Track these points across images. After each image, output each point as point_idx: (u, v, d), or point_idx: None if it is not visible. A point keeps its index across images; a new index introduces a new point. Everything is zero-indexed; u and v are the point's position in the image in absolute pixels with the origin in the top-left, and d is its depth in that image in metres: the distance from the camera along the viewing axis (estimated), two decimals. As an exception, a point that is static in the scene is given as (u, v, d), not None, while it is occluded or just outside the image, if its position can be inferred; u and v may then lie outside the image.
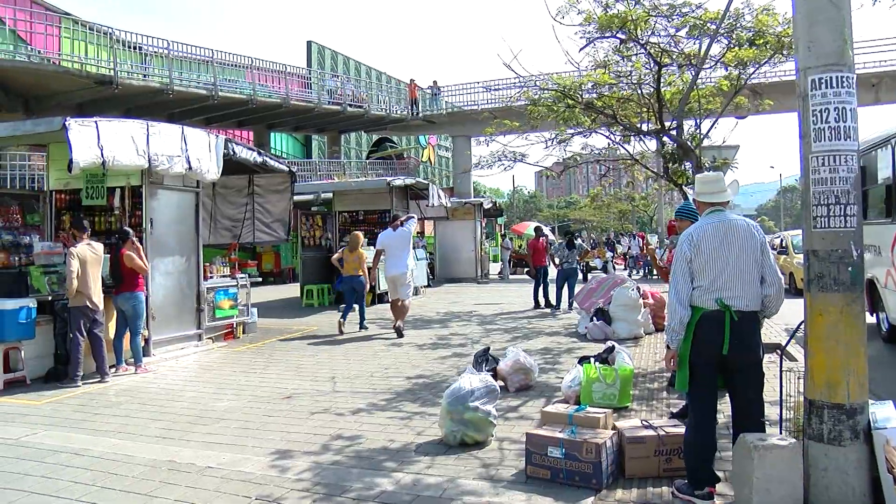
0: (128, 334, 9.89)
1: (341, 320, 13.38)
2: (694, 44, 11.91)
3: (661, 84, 12.09)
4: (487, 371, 7.71)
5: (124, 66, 23.72)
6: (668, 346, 4.91)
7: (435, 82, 37.56)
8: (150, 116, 16.78)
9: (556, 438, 5.17)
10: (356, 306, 13.66)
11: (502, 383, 7.98)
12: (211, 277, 12.28)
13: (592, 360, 7.66)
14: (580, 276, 19.82)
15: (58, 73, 22.01)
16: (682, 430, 5.12)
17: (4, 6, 25.65)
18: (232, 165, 12.40)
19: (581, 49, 12.16)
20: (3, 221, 10.97)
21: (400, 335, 12.59)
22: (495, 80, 29.35)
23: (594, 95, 13.25)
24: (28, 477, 5.61)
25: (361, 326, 13.60)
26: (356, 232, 14.27)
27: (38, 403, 8.22)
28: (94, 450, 6.25)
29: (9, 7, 25.65)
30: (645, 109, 13.02)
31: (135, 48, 25.93)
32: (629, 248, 32.86)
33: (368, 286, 14.13)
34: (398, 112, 36.22)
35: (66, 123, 9.17)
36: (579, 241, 18.35)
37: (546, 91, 13.62)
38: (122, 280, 9.71)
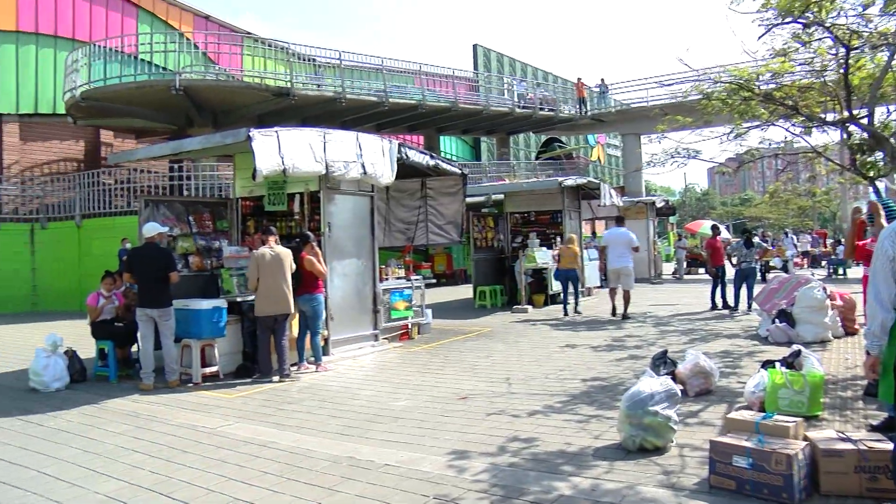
0: (308, 334, 10.32)
1: (565, 305, 16.02)
2: (889, 21, 10.99)
3: (849, 69, 11.25)
4: (665, 374, 7.46)
5: (299, 78, 24.84)
6: (867, 352, 4.45)
7: (602, 80, 36.97)
8: (324, 124, 17.50)
9: (743, 447, 4.87)
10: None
11: (681, 387, 7.70)
12: (386, 279, 12.57)
13: (778, 364, 7.24)
14: (759, 275, 18.88)
15: (241, 88, 23.34)
16: (888, 445, 4.60)
17: (196, 31, 27.63)
18: (405, 169, 12.64)
19: (760, 38, 11.56)
20: (197, 227, 11.73)
21: (625, 318, 14.92)
22: (667, 76, 28.56)
23: (773, 86, 12.57)
24: (225, 464, 5.98)
25: (576, 311, 16.09)
26: (572, 234, 17.24)
27: (230, 397, 8.73)
28: (280, 443, 6.54)
29: (200, 32, 27.62)
30: (828, 98, 12.20)
31: (309, 61, 27.19)
32: (796, 245, 30.87)
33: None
34: (566, 112, 35.91)
35: (251, 134, 9.67)
36: (757, 239, 17.48)
37: (720, 84, 13.06)
38: (302, 282, 10.14)
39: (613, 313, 15.41)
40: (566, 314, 15.98)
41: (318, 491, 5.26)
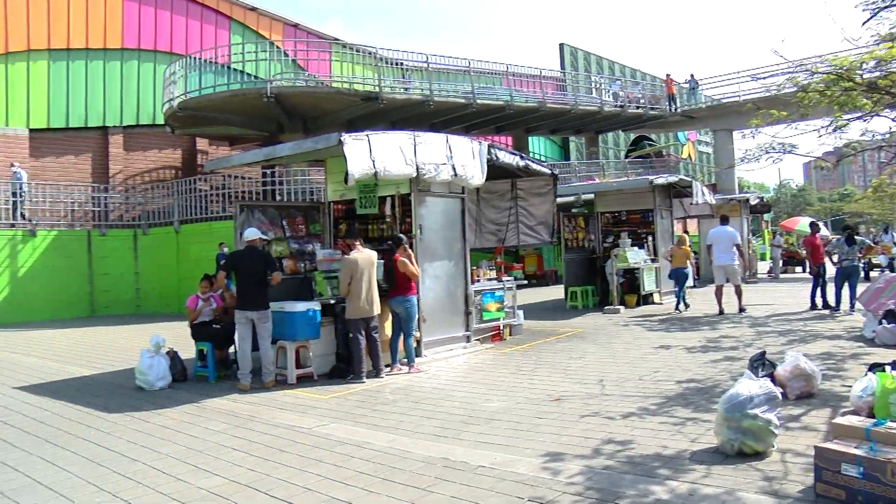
0: (402, 336, 10.39)
1: (678, 302, 16.61)
2: None
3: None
4: (764, 376, 7.21)
5: (387, 82, 25.10)
6: None
7: (692, 75, 36.22)
8: (412, 127, 17.61)
9: (853, 455, 4.62)
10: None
11: (781, 390, 7.44)
12: (478, 281, 12.55)
13: (888, 367, 6.89)
14: (862, 274, 18.14)
15: (330, 93, 23.74)
16: None
17: (286, 39, 28.30)
18: (495, 170, 12.60)
19: (864, 23, 11.08)
20: (291, 231, 11.96)
21: (741, 311, 15.39)
22: (760, 68, 27.77)
23: (878, 74, 12.02)
24: (321, 463, 6.05)
25: (684, 305, 16.57)
26: (682, 234, 18.30)
27: (325, 397, 8.84)
28: (374, 443, 6.58)
29: (289, 40, 28.27)
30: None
31: (396, 64, 27.45)
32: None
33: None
34: (656, 109, 35.30)
35: (342, 139, 9.80)
36: (860, 236, 16.80)
37: (818, 75, 12.57)
38: (395, 284, 10.22)
39: (720, 312, 15.43)
40: (678, 309, 16.52)
41: (413, 492, 5.26)
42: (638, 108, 34.04)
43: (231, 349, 10.76)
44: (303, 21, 30.39)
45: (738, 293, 15.75)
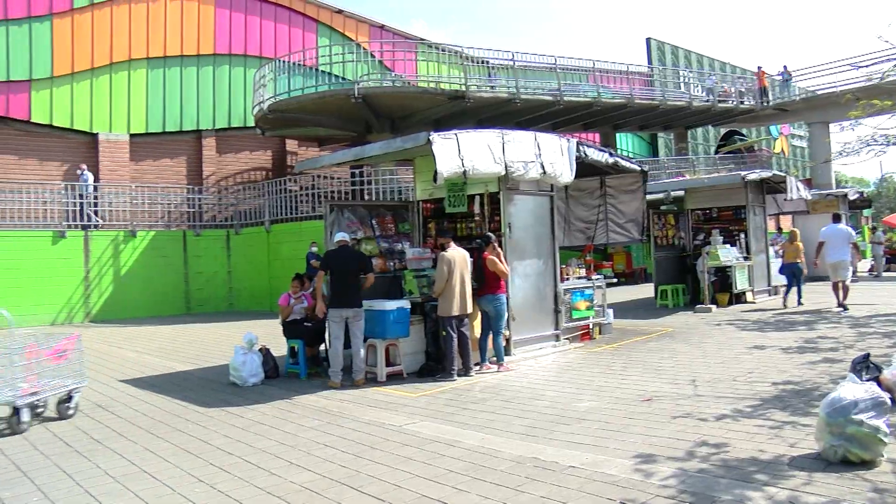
0: (491, 334, 10.36)
1: (786, 295, 16.94)
2: None
3: None
4: (869, 380, 6.90)
5: (473, 81, 25.10)
6: None
7: (785, 67, 35.01)
8: (498, 126, 17.50)
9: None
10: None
11: (888, 395, 7.09)
12: (567, 279, 12.43)
13: None
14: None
15: (417, 93, 23.87)
16: None
17: (372, 41, 28.62)
18: (583, 168, 12.46)
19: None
20: (380, 230, 12.06)
21: (844, 309, 15.12)
22: (859, 57, 26.70)
23: None
24: (411, 461, 6.07)
25: (796, 301, 16.72)
26: (794, 229, 18.77)
27: (414, 395, 8.88)
28: (464, 442, 6.57)
29: (375, 41, 28.58)
30: None
31: (482, 63, 27.42)
32: None
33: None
34: (747, 102, 34.33)
35: (431, 138, 9.82)
36: None
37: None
38: (485, 282, 10.20)
39: (839, 305, 15.38)
40: (790, 304, 16.71)
41: (504, 491, 5.23)
42: (728, 102, 33.17)
43: (322, 347, 10.92)
44: (388, 22, 30.65)
45: (845, 290, 15.46)
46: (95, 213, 22.26)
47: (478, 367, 10.21)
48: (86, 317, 21.06)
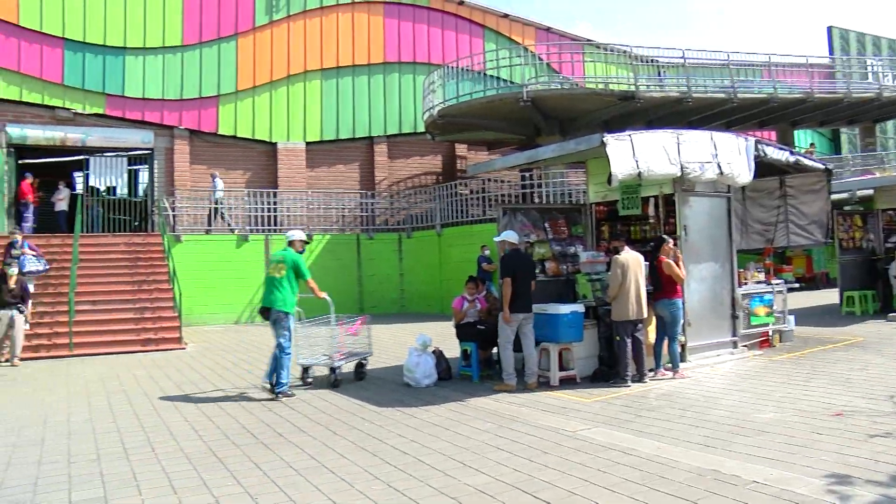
0: (666, 340, 10.10)
1: None
2: None
3: None
4: None
5: (641, 81, 24.53)
6: None
7: None
8: (669, 126, 17.04)
9: None
10: None
11: None
12: (745, 283, 11.94)
13: None
14: None
15: (585, 95, 23.58)
16: None
17: (538, 43, 28.62)
18: (761, 167, 11.92)
19: None
20: (553, 234, 12.01)
21: None
22: None
23: None
24: (585, 468, 5.99)
25: None
26: None
27: (588, 401, 8.77)
28: (640, 450, 6.43)
29: (542, 44, 28.54)
30: None
31: (650, 62, 26.77)
32: None
33: None
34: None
35: (605, 139, 9.70)
36: None
37: None
38: (660, 286, 9.96)
39: None
40: None
41: (683, 504, 5.06)
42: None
43: (493, 350, 10.97)
44: (553, 25, 30.48)
45: None
46: (222, 217, 23.36)
47: (652, 374, 9.97)
48: (266, 317, 22.17)
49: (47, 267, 15.90)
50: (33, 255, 15.10)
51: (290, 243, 10.34)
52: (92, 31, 23.75)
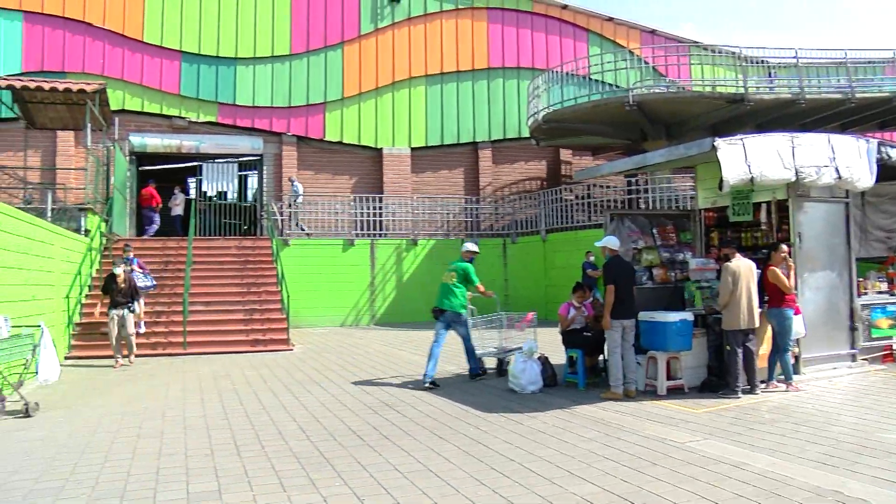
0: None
1: None
2: None
3: None
4: None
5: (751, 82, 23.79)
6: None
7: None
8: (780, 128, 16.47)
9: None
10: None
11: None
12: (865, 293, 11.44)
13: None
14: None
15: (693, 98, 23.04)
16: None
17: (643, 46, 28.21)
18: (885, 171, 11.38)
19: None
20: (661, 240, 11.79)
21: None
22: None
23: None
24: (695, 481, 5.85)
25: None
26: None
27: (696, 411, 8.56)
28: (752, 465, 6.23)
29: (647, 47, 28.13)
30: None
31: (760, 63, 25.97)
32: None
33: None
34: None
35: (716, 144, 9.48)
36: None
37: None
38: (770, 295, 9.68)
39: None
40: None
41: (802, 524, 4.88)
42: None
43: (600, 357, 10.85)
44: (658, 27, 29.95)
45: None
46: (297, 223, 23.73)
47: (764, 385, 9.67)
48: (371, 319, 22.59)
49: (155, 284, 16.36)
50: (141, 273, 15.55)
51: (464, 253, 11.91)
52: (206, 43, 24.83)
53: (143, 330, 15.56)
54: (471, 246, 12.03)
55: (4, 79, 17.79)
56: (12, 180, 19.93)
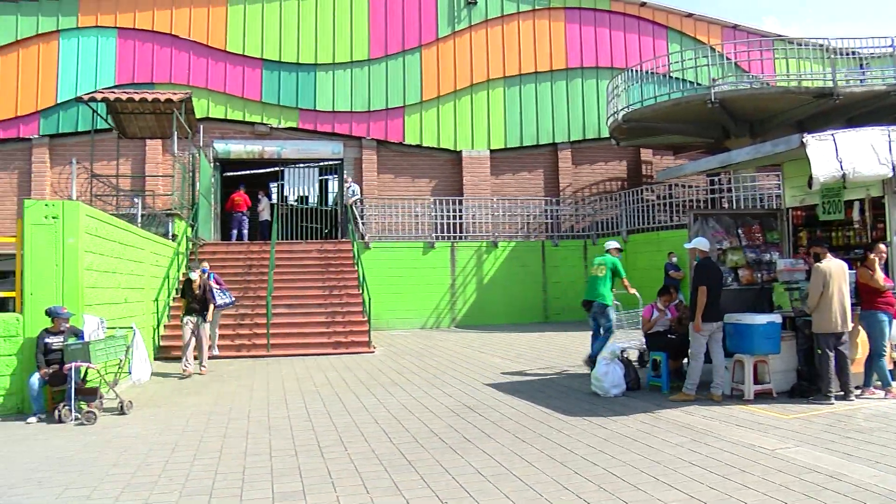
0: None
1: None
2: None
3: None
4: None
5: (840, 75, 22.95)
6: None
7: None
8: (872, 123, 15.77)
9: None
10: None
11: None
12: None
13: None
14: None
15: (777, 94, 22.40)
16: None
17: (724, 42, 27.59)
18: None
19: None
20: (747, 240, 11.48)
21: None
22: None
23: None
24: (787, 491, 5.67)
25: None
26: None
27: (786, 417, 8.31)
28: (850, 476, 6.00)
29: (728, 42, 27.50)
30: None
31: (850, 55, 25.02)
32: None
33: None
34: None
35: (805, 140, 9.17)
36: None
37: None
38: (863, 297, 9.37)
39: None
40: None
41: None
42: None
43: (684, 360, 10.64)
44: (739, 22, 29.22)
45: None
46: (356, 224, 23.60)
47: (859, 391, 9.29)
48: (451, 322, 22.62)
49: (234, 300, 16.04)
50: (218, 289, 15.16)
51: (608, 251, 12.62)
52: (287, 50, 25.32)
53: (216, 352, 15.28)
54: (612, 243, 12.88)
55: (100, 92, 18.47)
56: (106, 188, 20.64)
